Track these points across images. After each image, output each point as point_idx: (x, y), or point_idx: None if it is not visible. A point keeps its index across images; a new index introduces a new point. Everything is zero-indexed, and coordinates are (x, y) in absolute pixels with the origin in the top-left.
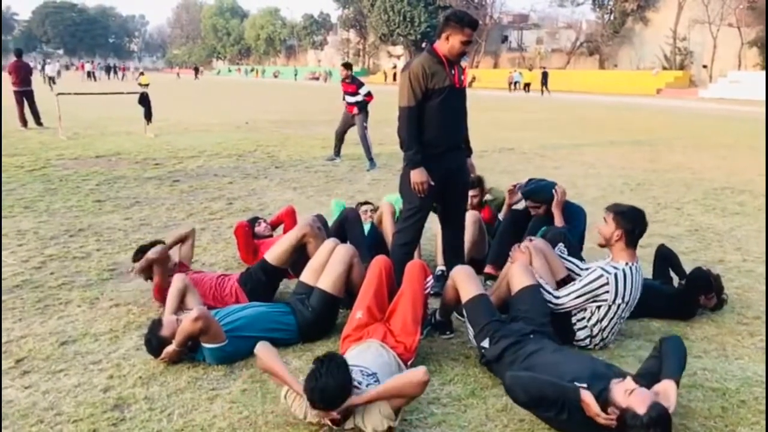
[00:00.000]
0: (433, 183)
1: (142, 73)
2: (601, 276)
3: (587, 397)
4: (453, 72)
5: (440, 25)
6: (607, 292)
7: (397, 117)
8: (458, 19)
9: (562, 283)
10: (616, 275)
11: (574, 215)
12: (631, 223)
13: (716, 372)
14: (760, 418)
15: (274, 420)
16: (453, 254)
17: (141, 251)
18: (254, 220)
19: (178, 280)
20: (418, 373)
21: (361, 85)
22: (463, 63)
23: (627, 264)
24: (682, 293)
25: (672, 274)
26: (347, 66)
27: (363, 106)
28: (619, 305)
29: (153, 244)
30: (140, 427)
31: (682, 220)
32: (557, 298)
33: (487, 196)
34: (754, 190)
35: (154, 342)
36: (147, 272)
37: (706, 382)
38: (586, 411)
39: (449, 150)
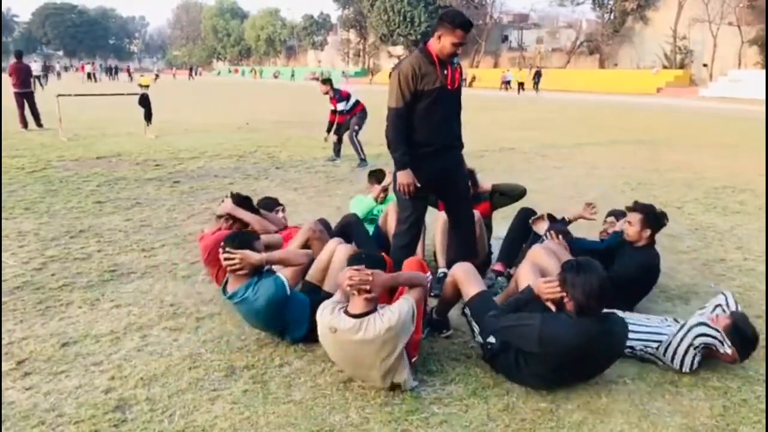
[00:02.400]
0: (419, 184)
1: (157, 76)
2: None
3: (538, 283)
4: (445, 72)
5: (435, 23)
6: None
7: (386, 117)
8: (450, 20)
9: None
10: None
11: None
12: (740, 345)
13: (717, 371)
14: (762, 417)
15: (276, 421)
16: (461, 254)
17: (243, 205)
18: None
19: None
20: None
21: (341, 100)
22: (462, 62)
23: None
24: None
25: None
26: (325, 81)
27: (357, 113)
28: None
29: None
30: (142, 428)
31: (683, 219)
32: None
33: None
34: (755, 189)
35: (242, 242)
36: (232, 222)
37: (708, 381)
38: (540, 291)
39: (443, 149)
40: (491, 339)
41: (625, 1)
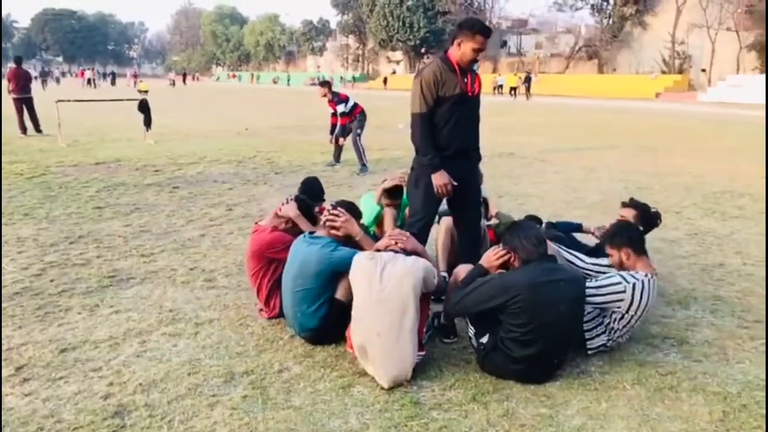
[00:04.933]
0: (455, 183)
1: (173, 82)
2: (619, 283)
3: (486, 256)
4: (465, 80)
5: (454, 31)
6: (622, 300)
7: (410, 124)
8: (470, 26)
9: None
10: (634, 285)
11: None
12: (625, 237)
13: (717, 376)
14: (762, 423)
15: (275, 427)
16: (463, 261)
17: (305, 213)
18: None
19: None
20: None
21: (339, 102)
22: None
23: (646, 276)
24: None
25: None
26: (323, 84)
27: (357, 116)
28: (632, 315)
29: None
30: None
31: (681, 224)
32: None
33: (493, 220)
34: (754, 193)
35: (352, 211)
36: (292, 225)
37: (707, 387)
38: (489, 262)
39: (457, 157)
40: (484, 339)
41: (623, 7)
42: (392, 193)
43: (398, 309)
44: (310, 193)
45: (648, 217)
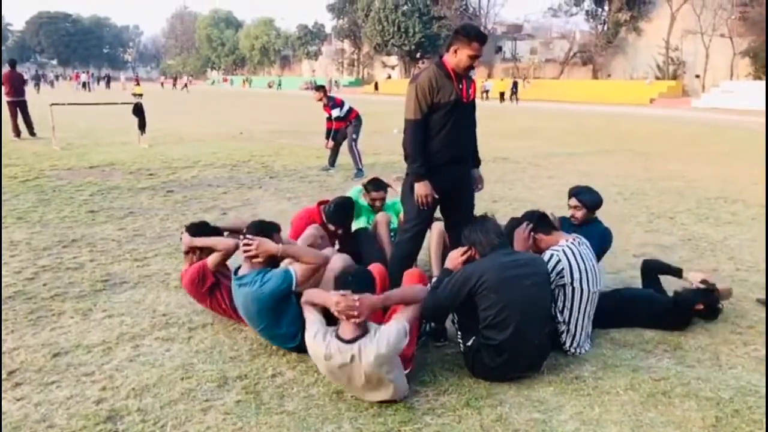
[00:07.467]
0: (437, 196)
1: (185, 85)
2: (552, 256)
3: (450, 256)
4: (461, 86)
5: (450, 38)
6: (563, 268)
7: (403, 129)
8: (466, 33)
9: None
10: (563, 250)
11: (597, 236)
12: (528, 225)
13: (710, 381)
14: (754, 428)
15: (269, 431)
16: None
17: (200, 233)
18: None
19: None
20: (418, 285)
21: (335, 107)
22: (473, 75)
23: (567, 241)
24: (673, 308)
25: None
26: (318, 88)
27: (352, 120)
28: (579, 280)
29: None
30: None
31: (675, 229)
32: None
33: None
34: (747, 199)
35: (261, 230)
36: (200, 253)
37: (700, 392)
38: (454, 261)
39: (453, 163)
40: (469, 342)
41: (618, 13)
42: (369, 187)
43: (375, 382)
44: (338, 216)
45: (711, 302)
